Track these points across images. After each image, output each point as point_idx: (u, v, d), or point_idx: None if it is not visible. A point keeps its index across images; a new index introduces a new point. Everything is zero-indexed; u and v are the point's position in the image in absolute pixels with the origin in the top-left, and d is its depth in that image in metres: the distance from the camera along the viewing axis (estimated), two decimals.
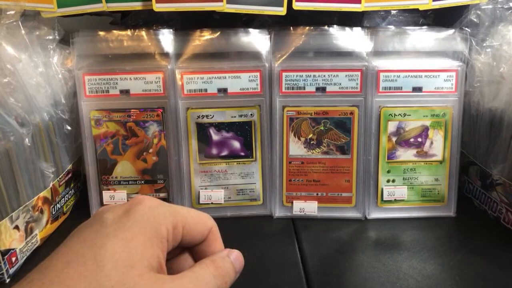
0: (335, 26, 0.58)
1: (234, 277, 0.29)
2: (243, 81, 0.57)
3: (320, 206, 0.60)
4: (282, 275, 0.48)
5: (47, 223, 0.54)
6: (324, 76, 0.57)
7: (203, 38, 0.58)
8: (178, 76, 0.57)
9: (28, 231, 0.50)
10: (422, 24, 0.66)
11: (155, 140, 0.58)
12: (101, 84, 0.57)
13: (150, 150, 0.59)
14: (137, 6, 0.56)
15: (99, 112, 0.58)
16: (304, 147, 0.59)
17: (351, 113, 0.57)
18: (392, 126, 0.58)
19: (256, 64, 0.57)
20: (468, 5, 0.58)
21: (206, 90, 0.57)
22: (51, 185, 0.54)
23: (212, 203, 0.60)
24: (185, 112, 0.58)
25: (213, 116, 0.58)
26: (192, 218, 0.28)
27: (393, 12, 0.65)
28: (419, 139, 0.58)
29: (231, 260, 0.29)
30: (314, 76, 0.57)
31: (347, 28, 0.58)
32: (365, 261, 0.50)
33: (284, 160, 0.59)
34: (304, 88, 0.57)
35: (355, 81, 0.57)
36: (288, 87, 0.57)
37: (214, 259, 0.28)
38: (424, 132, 0.58)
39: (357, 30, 0.58)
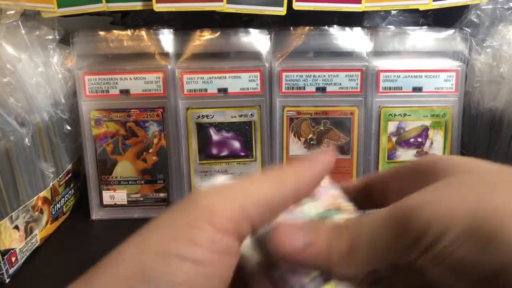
0: (335, 26, 0.58)
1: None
2: (243, 81, 0.57)
3: None
4: None
5: (47, 223, 0.54)
6: (324, 76, 0.57)
7: (203, 38, 0.58)
8: (178, 76, 0.57)
9: (28, 231, 0.50)
10: (422, 24, 0.66)
11: (155, 140, 0.58)
12: (101, 84, 0.57)
13: (150, 150, 0.59)
14: (137, 6, 0.56)
15: (99, 112, 0.57)
16: (304, 147, 0.59)
17: (351, 113, 0.57)
18: (392, 126, 0.58)
19: (256, 64, 0.57)
20: (468, 5, 0.58)
21: (206, 90, 0.57)
22: (51, 185, 0.54)
23: None
24: (185, 112, 0.58)
25: (213, 116, 0.58)
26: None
27: (393, 12, 0.64)
28: (419, 139, 0.58)
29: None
30: (314, 76, 0.57)
31: (347, 28, 0.58)
32: None
33: (284, 160, 0.59)
34: (304, 88, 0.57)
35: (355, 81, 0.57)
36: (288, 87, 0.57)
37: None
38: (424, 132, 0.58)
39: (357, 30, 0.58)
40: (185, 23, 0.66)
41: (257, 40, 0.58)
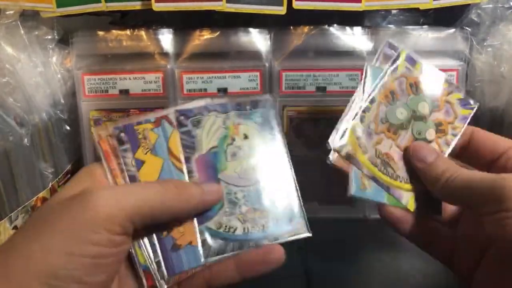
0: (335, 25, 0.57)
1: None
2: (243, 81, 0.57)
3: (320, 206, 0.59)
4: (281, 275, 0.48)
5: None
6: (325, 75, 0.57)
7: (203, 37, 0.58)
8: (177, 75, 0.57)
9: None
10: (423, 24, 0.65)
11: None
12: (100, 84, 0.57)
13: None
14: (137, 5, 0.56)
15: (99, 112, 0.57)
16: (305, 147, 0.58)
17: None
18: None
19: (256, 64, 0.57)
20: (469, 4, 0.58)
21: (205, 90, 0.57)
22: (50, 185, 0.54)
23: None
24: None
25: None
26: None
27: (394, 11, 0.64)
28: None
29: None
30: (314, 75, 0.57)
31: (347, 28, 0.57)
32: (365, 261, 0.50)
33: None
34: (304, 88, 0.57)
35: (355, 81, 0.56)
36: (288, 86, 0.57)
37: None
38: None
39: (358, 29, 0.58)
40: (184, 23, 0.65)
41: (257, 39, 0.58)
